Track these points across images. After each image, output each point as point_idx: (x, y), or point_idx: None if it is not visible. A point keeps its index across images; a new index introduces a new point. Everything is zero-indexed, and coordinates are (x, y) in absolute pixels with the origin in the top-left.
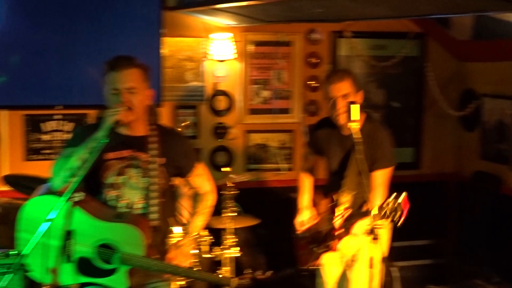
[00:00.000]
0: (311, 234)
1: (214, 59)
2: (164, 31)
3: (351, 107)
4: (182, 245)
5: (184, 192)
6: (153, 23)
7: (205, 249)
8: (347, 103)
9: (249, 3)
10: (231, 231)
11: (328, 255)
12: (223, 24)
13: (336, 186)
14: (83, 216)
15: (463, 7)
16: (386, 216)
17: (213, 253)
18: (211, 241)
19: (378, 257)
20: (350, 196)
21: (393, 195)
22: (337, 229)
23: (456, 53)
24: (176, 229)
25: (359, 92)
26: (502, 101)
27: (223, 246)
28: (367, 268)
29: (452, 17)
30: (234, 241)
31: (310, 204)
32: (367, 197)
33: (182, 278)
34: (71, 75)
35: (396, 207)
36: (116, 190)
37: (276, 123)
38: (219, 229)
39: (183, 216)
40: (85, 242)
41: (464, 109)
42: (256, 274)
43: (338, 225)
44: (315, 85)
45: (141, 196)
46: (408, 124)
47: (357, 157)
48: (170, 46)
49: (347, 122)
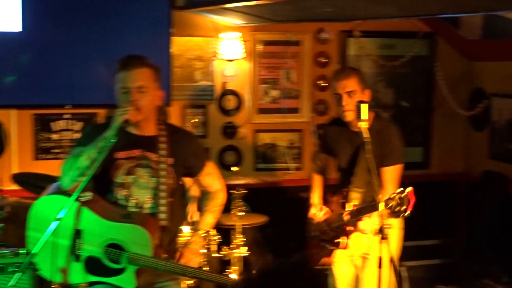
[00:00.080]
0: (322, 231)
1: (223, 59)
2: (173, 30)
3: (361, 106)
4: (192, 242)
5: (192, 194)
6: (162, 23)
7: (213, 248)
8: (356, 102)
9: (258, 2)
10: (239, 230)
11: (339, 252)
12: (232, 23)
13: (345, 183)
14: (91, 216)
15: (472, 6)
16: (392, 209)
17: (222, 252)
18: (220, 240)
19: (388, 257)
20: (360, 193)
21: (399, 189)
22: (346, 226)
23: (465, 52)
24: (186, 228)
25: (366, 90)
26: (511, 100)
27: (231, 246)
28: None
29: (462, 17)
30: (243, 240)
31: (321, 201)
32: (377, 195)
33: (190, 278)
34: (80, 75)
35: (402, 200)
36: (126, 190)
37: (285, 123)
38: (227, 229)
39: (191, 217)
40: (93, 242)
41: (473, 108)
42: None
43: (346, 220)
44: (324, 84)
45: (150, 195)
46: (417, 124)
47: (366, 156)
48: (179, 45)
49: (354, 119)
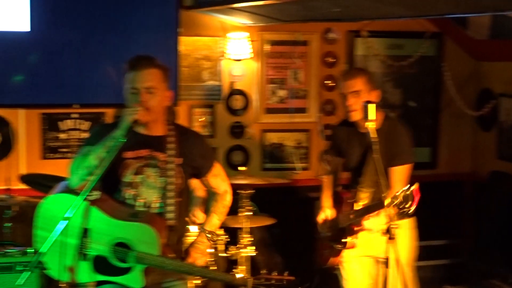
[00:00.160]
0: (332, 231)
1: (230, 58)
2: (180, 30)
3: (368, 106)
4: (198, 242)
5: (198, 196)
6: (169, 22)
7: (221, 248)
8: (363, 103)
9: (266, 2)
10: (247, 230)
11: (348, 252)
12: (239, 23)
13: (354, 183)
14: (99, 215)
15: (480, 6)
16: (397, 206)
17: (229, 252)
18: (227, 240)
19: (401, 257)
20: (368, 193)
21: (405, 187)
22: (353, 225)
23: (473, 52)
24: (193, 228)
25: (375, 91)
26: None
27: (239, 245)
28: (393, 269)
29: (469, 17)
30: (250, 240)
31: (331, 203)
32: (385, 196)
33: (198, 277)
34: (88, 74)
35: (407, 197)
36: (134, 189)
37: (292, 123)
38: (235, 228)
39: (197, 218)
40: (101, 241)
41: (481, 108)
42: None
43: (352, 220)
44: (331, 84)
45: (158, 195)
46: (425, 124)
47: (374, 156)
48: (187, 45)
49: (359, 119)
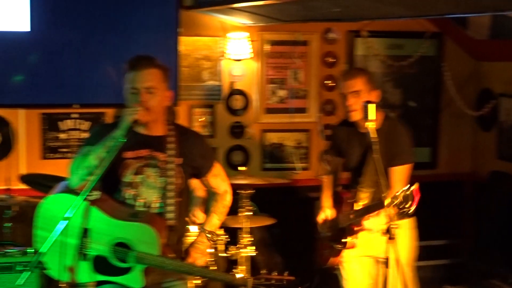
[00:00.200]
0: (332, 231)
1: (230, 58)
2: (180, 30)
3: (368, 106)
4: (198, 242)
5: (198, 196)
6: (170, 22)
7: (221, 248)
8: (363, 103)
9: (266, 2)
10: (247, 230)
11: (348, 252)
12: (239, 23)
13: (354, 183)
14: (99, 215)
15: (480, 6)
16: (397, 205)
17: (229, 252)
18: (227, 240)
19: (401, 257)
20: (368, 193)
21: (405, 187)
22: (353, 225)
23: (473, 52)
24: (193, 228)
25: (374, 91)
26: None
27: (239, 245)
28: (394, 269)
29: (469, 17)
30: (250, 240)
31: (331, 203)
32: (385, 196)
33: (198, 277)
34: (88, 74)
35: (407, 197)
36: (134, 189)
37: (292, 123)
38: (235, 228)
39: (197, 218)
40: (101, 241)
41: (481, 108)
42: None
43: (352, 219)
44: (331, 84)
45: (158, 195)
46: (425, 124)
47: (374, 157)
48: (187, 45)
49: (359, 119)
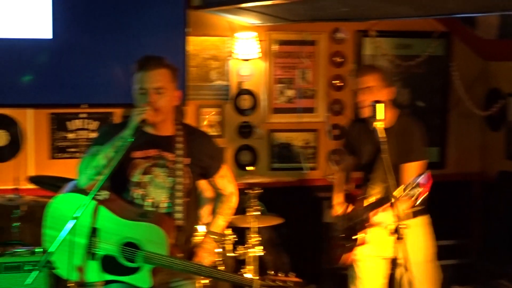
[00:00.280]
0: (343, 229)
1: (238, 58)
2: (188, 30)
3: (377, 106)
4: (205, 243)
5: (207, 196)
6: (178, 22)
7: (229, 248)
8: (371, 102)
9: (274, 2)
10: (255, 230)
11: (363, 251)
12: (247, 23)
13: (365, 180)
14: (108, 215)
15: (488, 6)
16: (408, 191)
17: (237, 252)
18: (235, 240)
19: (419, 256)
20: (379, 189)
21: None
22: (362, 221)
23: (481, 52)
24: (201, 228)
25: (388, 88)
26: None
27: (247, 245)
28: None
29: (478, 16)
30: (258, 240)
31: (342, 201)
32: (391, 193)
33: (206, 277)
34: (96, 74)
35: (417, 184)
36: (142, 189)
37: (300, 122)
38: (243, 228)
39: (204, 218)
40: (109, 241)
41: (489, 108)
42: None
43: (360, 215)
44: (339, 84)
45: (166, 195)
46: (433, 124)
47: (383, 156)
48: (195, 45)
49: (370, 116)
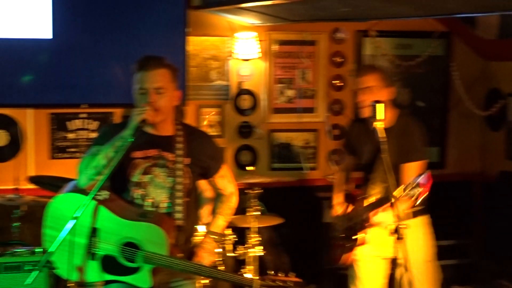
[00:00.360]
0: (343, 228)
1: (238, 58)
2: (189, 30)
3: (376, 106)
4: (205, 243)
5: (207, 196)
6: (178, 22)
7: (229, 248)
8: (371, 102)
9: (274, 2)
10: (255, 230)
11: (363, 251)
12: (247, 23)
13: (366, 180)
14: (108, 215)
15: (489, 6)
16: (407, 191)
17: (237, 252)
18: (235, 240)
19: (419, 255)
20: (379, 189)
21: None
22: (362, 221)
23: (481, 52)
24: (201, 228)
25: (388, 88)
26: None
27: (247, 245)
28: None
29: (478, 16)
30: (258, 240)
31: (342, 201)
32: (391, 193)
33: (206, 277)
34: (96, 74)
35: (417, 184)
36: (142, 189)
37: (300, 122)
38: (243, 228)
39: (204, 218)
40: (109, 241)
41: (489, 108)
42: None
43: (360, 215)
44: (339, 84)
45: (166, 195)
46: (433, 124)
47: (382, 156)
48: (195, 45)
49: (370, 116)
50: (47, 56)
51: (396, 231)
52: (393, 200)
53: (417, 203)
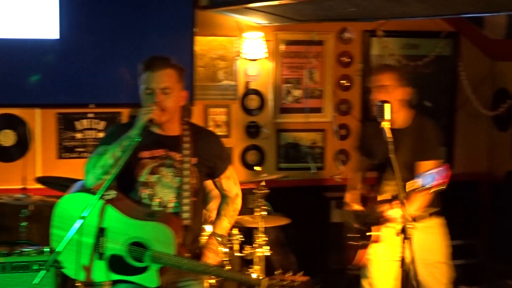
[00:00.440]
0: (358, 228)
1: (246, 58)
2: (196, 30)
3: (384, 106)
4: (210, 244)
5: (214, 194)
6: (185, 22)
7: (236, 247)
8: (378, 102)
9: (281, 2)
10: (261, 230)
11: (376, 251)
12: (255, 23)
13: (379, 179)
14: (115, 214)
15: (496, 5)
16: (421, 184)
17: (244, 252)
18: (242, 240)
19: (437, 256)
20: (392, 187)
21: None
22: (375, 218)
23: (489, 52)
24: (208, 228)
25: (403, 88)
26: None
27: (254, 245)
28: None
29: (486, 16)
30: (265, 240)
31: (356, 200)
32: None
33: (213, 277)
34: (103, 74)
35: (432, 175)
36: (149, 189)
37: (307, 122)
38: (250, 228)
39: (211, 216)
40: (117, 240)
41: (497, 108)
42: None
43: (374, 211)
44: (347, 84)
45: (173, 195)
46: (441, 124)
47: (391, 156)
48: (202, 45)
49: (376, 115)
50: (54, 56)
51: (403, 231)
52: (408, 190)
53: (431, 191)
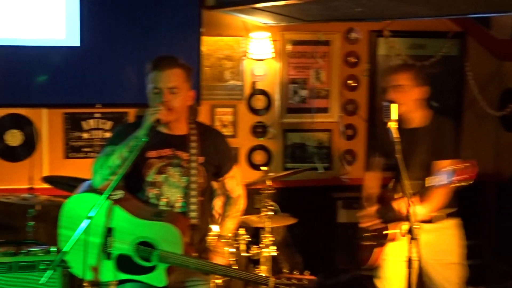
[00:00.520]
0: (372, 230)
1: (252, 58)
2: (203, 30)
3: (391, 106)
4: (216, 246)
5: (220, 192)
6: (192, 22)
7: (242, 247)
8: (384, 102)
9: (288, 2)
10: (268, 230)
11: (392, 251)
12: (261, 23)
13: (397, 179)
14: (122, 214)
15: (503, 5)
16: (442, 179)
17: (251, 251)
18: (249, 239)
19: (454, 257)
20: (409, 187)
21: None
22: (393, 216)
23: (496, 52)
24: (215, 228)
25: (420, 88)
26: None
27: (260, 245)
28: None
29: (492, 16)
30: (271, 240)
31: (373, 199)
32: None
33: (219, 277)
34: (110, 74)
35: (453, 170)
36: (157, 189)
37: (314, 123)
38: (256, 228)
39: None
40: (124, 240)
41: (504, 109)
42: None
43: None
44: (353, 84)
45: (181, 194)
46: None
47: (397, 156)
48: (209, 45)
49: (402, 112)
50: (60, 56)
51: (410, 231)
52: (425, 192)
53: (452, 185)
